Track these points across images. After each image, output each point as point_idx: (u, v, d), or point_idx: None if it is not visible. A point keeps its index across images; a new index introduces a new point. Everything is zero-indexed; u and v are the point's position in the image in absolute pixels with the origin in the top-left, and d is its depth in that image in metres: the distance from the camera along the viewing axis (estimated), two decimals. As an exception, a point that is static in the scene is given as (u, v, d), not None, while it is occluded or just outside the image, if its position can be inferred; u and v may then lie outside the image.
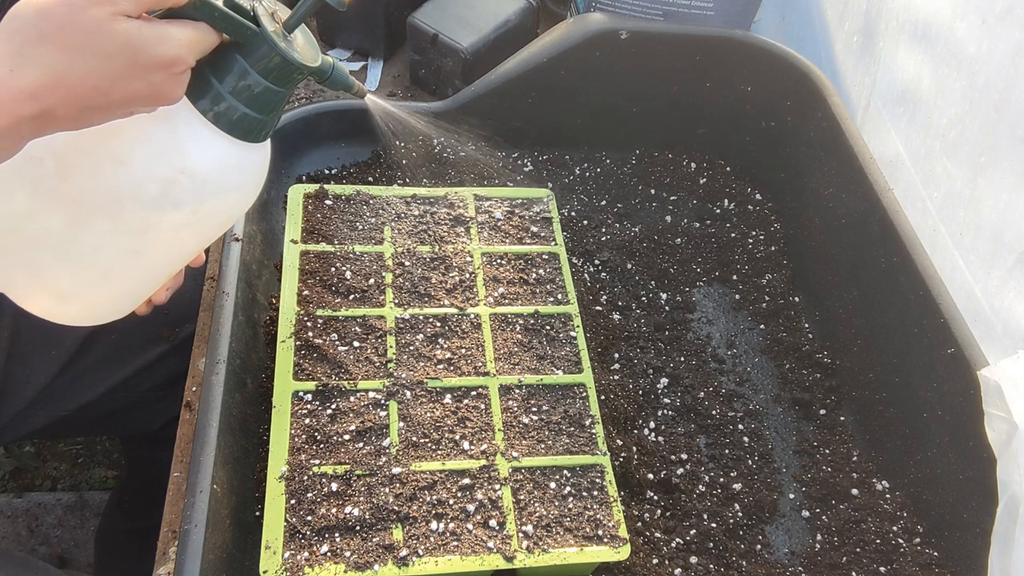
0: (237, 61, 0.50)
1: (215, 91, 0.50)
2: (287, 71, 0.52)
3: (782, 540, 0.74)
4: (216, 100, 0.50)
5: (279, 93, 0.53)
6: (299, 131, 0.85)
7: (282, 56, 0.51)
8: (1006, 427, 0.59)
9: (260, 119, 0.53)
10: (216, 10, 0.48)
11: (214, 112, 0.50)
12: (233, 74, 0.50)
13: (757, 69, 0.93)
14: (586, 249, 0.90)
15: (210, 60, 0.50)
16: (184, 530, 0.56)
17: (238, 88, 0.51)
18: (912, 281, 0.75)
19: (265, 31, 0.50)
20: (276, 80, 0.52)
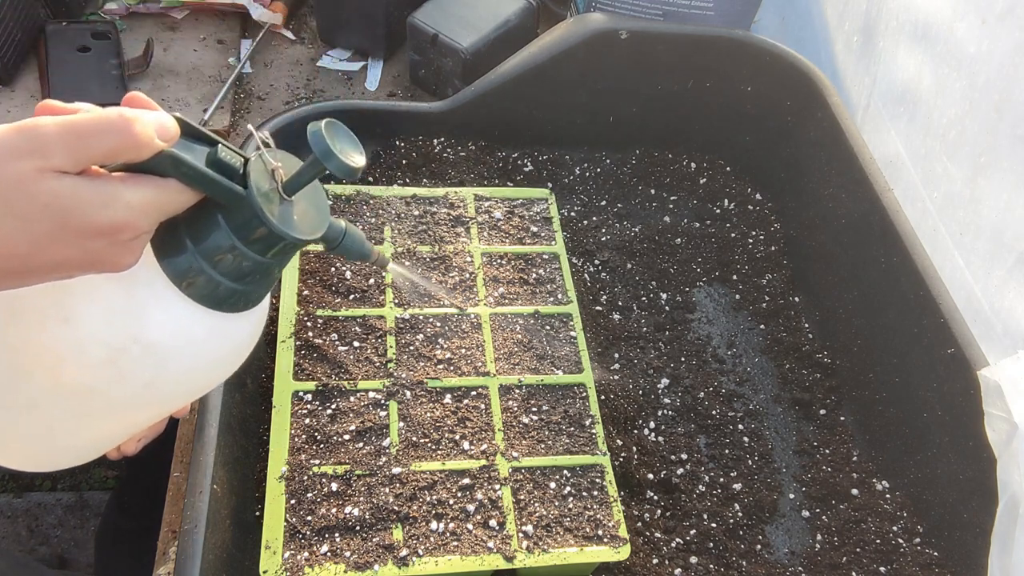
0: (218, 225, 0.41)
1: (187, 254, 0.41)
2: (278, 242, 0.43)
3: (782, 540, 0.74)
4: (188, 265, 0.41)
5: (268, 264, 0.43)
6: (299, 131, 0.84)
7: (270, 228, 0.41)
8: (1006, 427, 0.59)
9: (243, 290, 0.44)
10: (188, 168, 0.39)
11: (183, 278, 0.41)
12: (212, 239, 0.41)
13: (757, 69, 0.93)
14: (586, 249, 0.90)
15: (189, 217, 0.41)
16: (184, 530, 0.56)
17: (217, 255, 0.41)
18: (912, 281, 0.75)
19: (252, 197, 0.41)
20: (266, 251, 0.43)
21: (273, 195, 0.42)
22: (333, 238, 0.47)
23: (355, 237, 0.48)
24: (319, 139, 0.41)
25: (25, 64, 0.98)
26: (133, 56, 1.00)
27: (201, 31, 1.07)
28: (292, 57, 1.08)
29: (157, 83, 0.99)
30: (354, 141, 0.43)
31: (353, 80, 1.06)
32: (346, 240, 0.48)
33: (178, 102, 0.98)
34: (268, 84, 1.04)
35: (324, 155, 0.41)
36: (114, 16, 1.04)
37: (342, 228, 0.47)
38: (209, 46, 1.05)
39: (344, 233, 0.47)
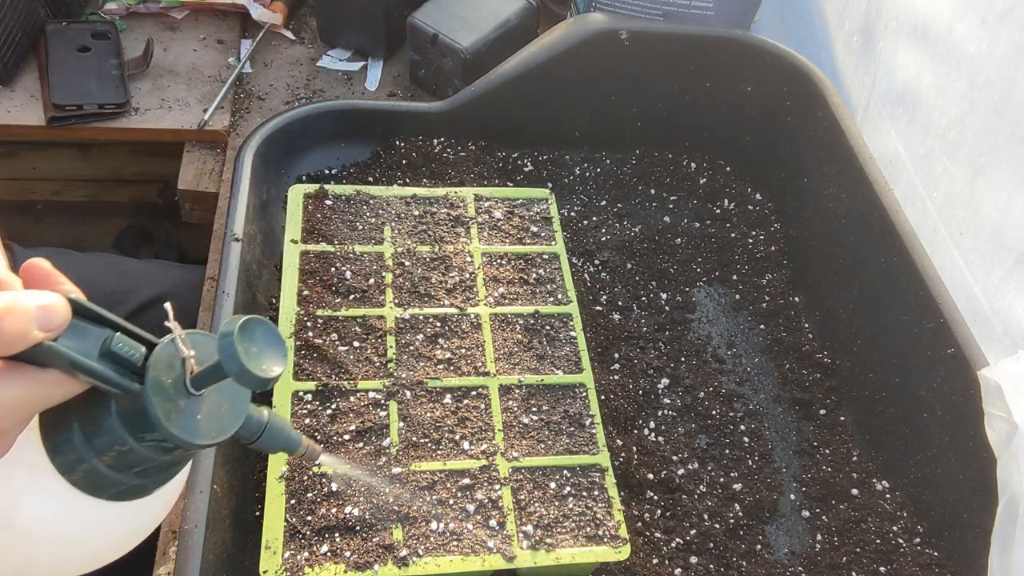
0: (109, 415, 0.36)
1: (74, 442, 0.36)
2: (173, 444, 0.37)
3: (782, 540, 0.74)
4: (75, 455, 0.36)
5: (165, 462, 0.39)
6: (299, 131, 0.85)
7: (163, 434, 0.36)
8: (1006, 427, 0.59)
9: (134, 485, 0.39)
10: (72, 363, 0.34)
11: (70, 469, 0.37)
12: (102, 431, 0.36)
13: (757, 69, 0.93)
14: (586, 249, 0.90)
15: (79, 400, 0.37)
16: (184, 530, 0.56)
17: (106, 449, 0.37)
18: (912, 281, 0.75)
19: (147, 397, 0.36)
20: (161, 451, 0.38)
21: (178, 389, 0.37)
22: (249, 435, 0.41)
23: (277, 432, 0.42)
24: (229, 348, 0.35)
25: (25, 64, 0.98)
26: (133, 56, 1.00)
27: (201, 31, 1.07)
28: (292, 57, 1.08)
29: (157, 83, 0.99)
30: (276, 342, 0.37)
31: (353, 80, 1.06)
32: (266, 434, 0.42)
33: (178, 102, 0.98)
34: (268, 84, 1.04)
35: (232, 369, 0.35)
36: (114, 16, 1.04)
37: (263, 422, 0.42)
38: (209, 46, 1.05)
39: (265, 427, 0.42)
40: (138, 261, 0.94)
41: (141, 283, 0.87)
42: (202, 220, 0.96)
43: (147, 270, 0.91)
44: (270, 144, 0.82)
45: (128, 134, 0.95)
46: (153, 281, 0.88)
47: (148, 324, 0.75)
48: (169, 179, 0.99)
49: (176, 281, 0.89)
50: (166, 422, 0.36)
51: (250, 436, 0.42)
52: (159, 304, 0.82)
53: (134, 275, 0.88)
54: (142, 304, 0.86)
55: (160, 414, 0.36)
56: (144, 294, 0.86)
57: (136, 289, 0.86)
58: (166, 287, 0.88)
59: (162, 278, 0.89)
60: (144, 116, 0.96)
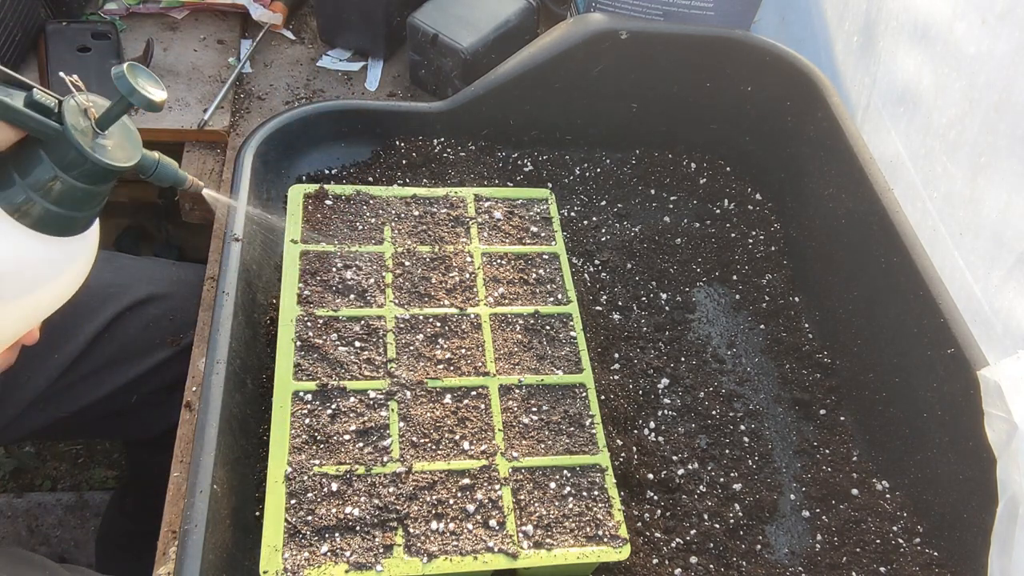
0: (41, 158, 0.48)
1: (16, 186, 0.48)
2: (96, 170, 0.49)
3: (782, 540, 0.74)
4: (18, 196, 0.48)
5: (90, 191, 0.50)
6: (299, 131, 0.85)
7: (86, 157, 0.48)
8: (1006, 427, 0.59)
9: (71, 215, 0.50)
10: (8, 108, 0.46)
11: (15, 208, 0.48)
12: (37, 171, 0.48)
13: (757, 69, 0.93)
14: (586, 249, 0.90)
15: (13, 153, 0.48)
16: (184, 530, 0.56)
17: (43, 185, 0.48)
18: (912, 281, 0.75)
19: (68, 131, 0.47)
20: (85, 178, 0.49)
21: (87, 131, 0.49)
22: (147, 167, 0.53)
23: (169, 166, 0.55)
24: (122, 79, 0.48)
25: (25, 64, 0.98)
26: (133, 56, 1.00)
27: (201, 31, 1.07)
28: (292, 57, 1.08)
29: (157, 83, 0.99)
30: (155, 80, 0.51)
31: (353, 80, 1.06)
32: (160, 169, 0.54)
33: (178, 102, 0.98)
34: (268, 84, 1.04)
35: (127, 92, 0.48)
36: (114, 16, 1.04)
37: (155, 159, 0.54)
38: (209, 46, 1.05)
39: (157, 164, 0.54)
40: (135, 258, 0.93)
41: (136, 280, 0.87)
42: (202, 220, 0.96)
43: (143, 267, 0.90)
44: (270, 144, 0.82)
45: (128, 134, 0.95)
46: (148, 279, 0.87)
47: (143, 322, 0.75)
48: (169, 179, 0.99)
49: (172, 279, 0.89)
50: (87, 148, 0.48)
51: (148, 170, 0.54)
52: (154, 302, 0.82)
53: (130, 272, 0.88)
54: (137, 300, 0.85)
55: (81, 143, 0.48)
56: (139, 291, 0.86)
57: (131, 285, 0.86)
58: (161, 285, 0.87)
59: (158, 276, 0.89)
60: (144, 116, 0.96)
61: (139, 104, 0.49)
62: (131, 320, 0.84)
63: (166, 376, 0.86)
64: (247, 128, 0.97)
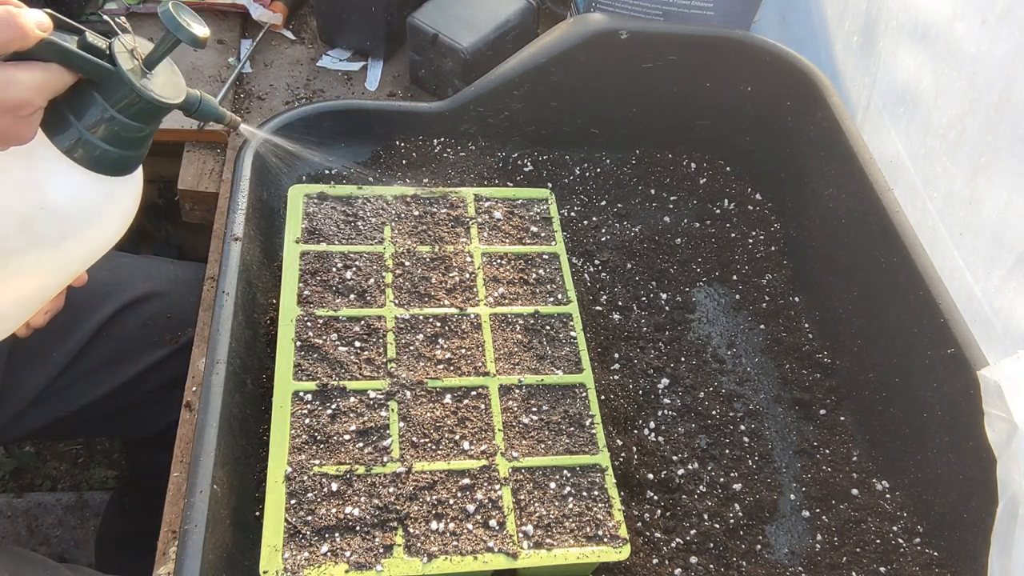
0: (94, 99, 0.50)
1: (72, 128, 0.50)
2: (146, 108, 0.51)
3: (782, 540, 0.74)
4: (74, 137, 0.50)
5: (141, 129, 0.52)
6: (299, 131, 0.85)
7: (139, 95, 0.50)
8: (1006, 427, 0.59)
9: (122, 154, 0.52)
10: (67, 52, 0.47)
11: (72, 149, 0.50)
12: (91, 112, 0.50)
13: (757, 69, 0.93)
14: (586, 249, 0.90)
15: (68, 96, 0.49)
16: (184, 530, 0.56)
17: (96, 125, 0.50)
18: (912, 281, 0.75)
19: (121, 71, 0.49)
20: (136, 117, 0.51)
21: (137, 70, 0.51)
22: (192, 103, 0.56)
23: (210, 103, 0.57)
24: (168, 15, 0.50)
25: (25, 64, 0.97)
26: (133, 56, 1.00)
27: (201, 31, 1.07)
28: (292, 57, 1.08)
29: (157, 83, 0.99)
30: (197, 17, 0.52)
31: (353, 80, 1.06)
32: (203, 106, 0.56)
33: (178, 102, 0.97)
34: (268, 84, 1.04)
35: (174, 28, 0.50)
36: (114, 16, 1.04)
37: (198, 96, 0.56)
38: (209, 46, 1.05)
39: (200, 100, 0.56)
40: (133, 256, 0.93)
41: (135, 277, 0.87)
42: (202, 220, 0.96)
43: (141, 265, 0.90)
44: (270, 144, 0.82)
45: (128, 134, 0.95)
46: (146, 277, 0.87)
47: (141, 319, 0.75)
48: (169, 179, 0.99)
49: (169, 277, 0.89)
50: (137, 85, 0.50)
51: (192, 106, 0.56)
52: (152, 299, 0.82)
53: (128, 269, 0.88)
54: (135, 298, 0.85)
55: (133, 79, 0.50)
56: (137, 289, 0.86)
57: (130, 283, 0.86)
58: (159, 283, 0.87)
59: (156, 274, 0.89)
60: (144, 116, 0.95)
61: (185, 39, 0.50)
62: (129, 318, 0.84)
63: (165, 374, 0.86)
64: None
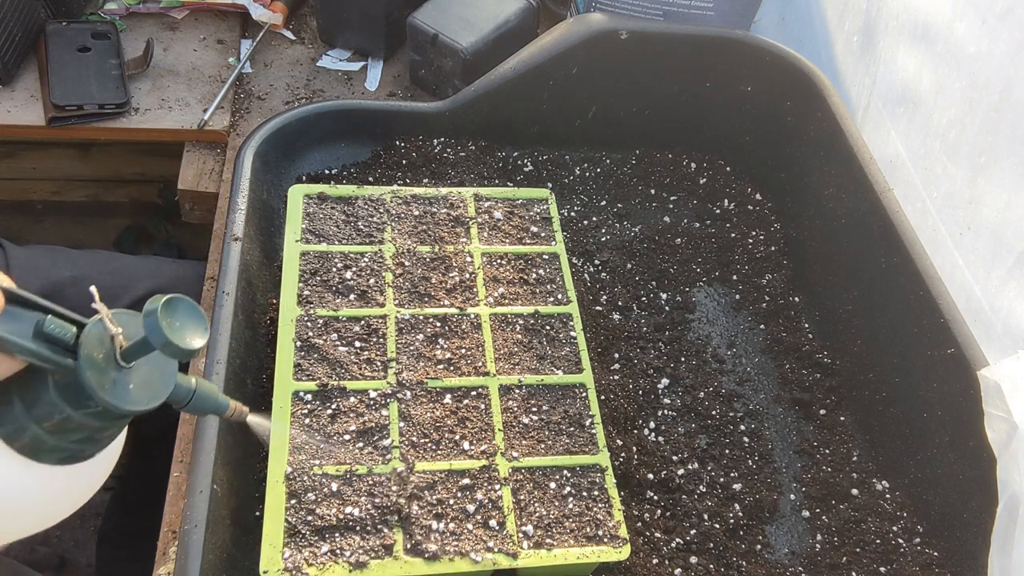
0: (47, 388, 0.41)
1: (15, 414, 0.41)
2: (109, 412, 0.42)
3: (782, 540, 0.74)
4: (15, 424, 0.41)
5: (102, 427, 0.43)
6: (299, 131, 0.85)
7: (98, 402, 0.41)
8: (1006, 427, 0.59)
9: (77, 448, 0.43)
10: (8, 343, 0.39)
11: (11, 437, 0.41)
12: (40, 403, 0.41)
13: (757, 69, 0.93)
14: (586, 249, 0.90)
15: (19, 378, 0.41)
16: (184, 530, 0.56)
17: (46, 419, 0.41)
18: (912, 281, 0.75)
19: (81, 371, 0.40)
20: (97, 418, 0.42)
21: (109, 363, 0.41)
22: (179, 400, 0.46)
23: (208, 394, 0.47)
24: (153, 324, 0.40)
25: (25, 64, 0.98)
26: (133, 56, 1.00)
27: (201, 31, 1.07)
28: (292, 57, 1.08)
29: (157, 83, 0.99)
30: (198, 317, 0.42)
31: (353, 80, 1.06)
32: (195, 400, 0.47)
33: (178, 102, 0.98)
34: (268, 84, 1.04)
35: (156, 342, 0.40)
36: (114, 16, 1.04)
37: (190, 388, 0.46)
38: (209, 46, 1.05)
39: (193, 393, 0.46)
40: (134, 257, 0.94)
41: (136, 279, 0.87)
42: (202, 220, 0.96)
43: (142, 266, 0.91)
44: (270, 144, 0.82)
45: (128, 134, 0.95)
46: (148, 277, 0.88)
47: None
48: (169, 179, 0.99)
49: (171, 276, 0.89)
50: (100, 391, 0.40)
51: (180, 401, 0.46)
52: None
53: (129, 270, 0.88)
54: (137, 299, 0.85)
55: (94, 384, 0.40)
56: (139, 289, 0.86)
57: (131, 284, 0.86)
58: (161, 282, 0.88)
59: (157, 273, 0.89)
60: (144, 116, 0.96)
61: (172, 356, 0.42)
62: None
63: None
64: (247, 128, 0.97)
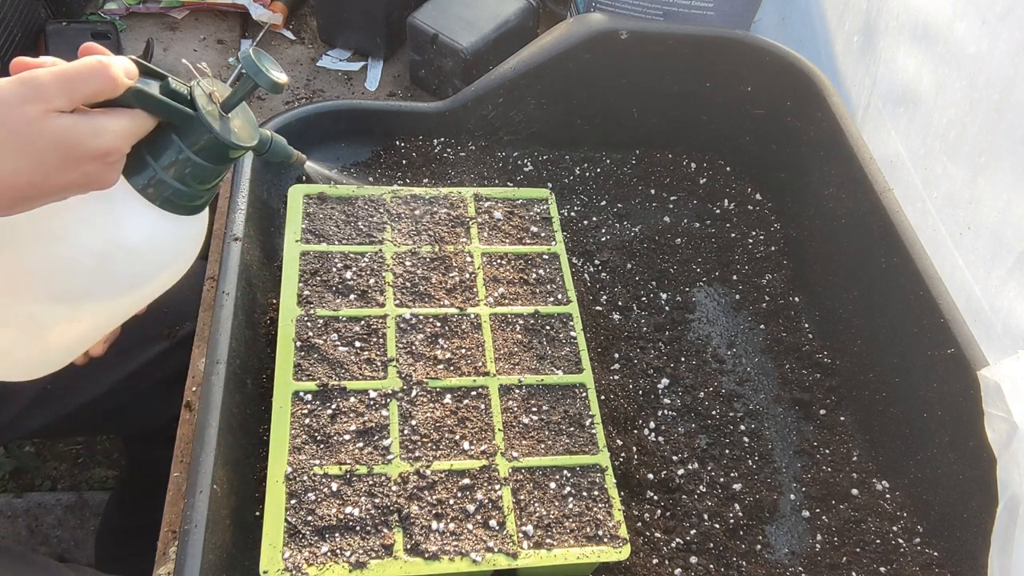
0: (173, 142, 0.51)
1: (151, 170, 0.51)
2: (223, 150, 0.53)
3: (782, 540, 0.74)
4: (151, 178, 0.51)
5: (215, 170, 0.53)
6: (299, 131, 0.85)
7: (217, 138, 0.51)
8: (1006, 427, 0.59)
9: (195, 194, 0.53)
10: (152, 99, 0.49)
11: (149, 189, 0.51)
12: (169, 154, 0.51)
13: (757, 69, 0.93)
14: (586, 249, 0.90)
15: (147, 139, 0.50)
16: (184, 530, 0.56)
17: (174, 166, 0.51)
18: (912, 281, 0.75)
19: (201, 115, 0.51)
20: (211, 158, 0.53)
21: (215, 113, 0.52)
22: (264, 143, 0.58)
23: (280, 144, 0.60)
24: (249, 61, 0.51)
25: (25, 64, 0.97)
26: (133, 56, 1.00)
27: (201, 31, 1.07)
28: (292, 57, 1.08)
29: (157, 83, 0.99)
30: (277, 65, 0.54)
31: (353, 80, 1.06)
32: (273, 146, 0.59)
33: (178, 102, 0.98)
34: (268, 84, 1.03)
35: (254, 72, 0.51)
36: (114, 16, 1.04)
37: (269, 137, 0.59)
38: (209, 46, 1.05)
39: (271, 140, 0.59)
40: None
41: None
42: (202, 220, 0.96)
43: None
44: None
45: (128, 134, 0.95)
46: None
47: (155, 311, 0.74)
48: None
49: None
50: (216, 128, 0.51)
51: (264, 147, 0.59)
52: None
53: None
54: None
55: (211, 123, 0.51)
56: None
57: None
58: None
59: None
60: (144, 116, 0.95)
61: (264, 85, 0.52)
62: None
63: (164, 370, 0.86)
64: (247, 128, 0.97)
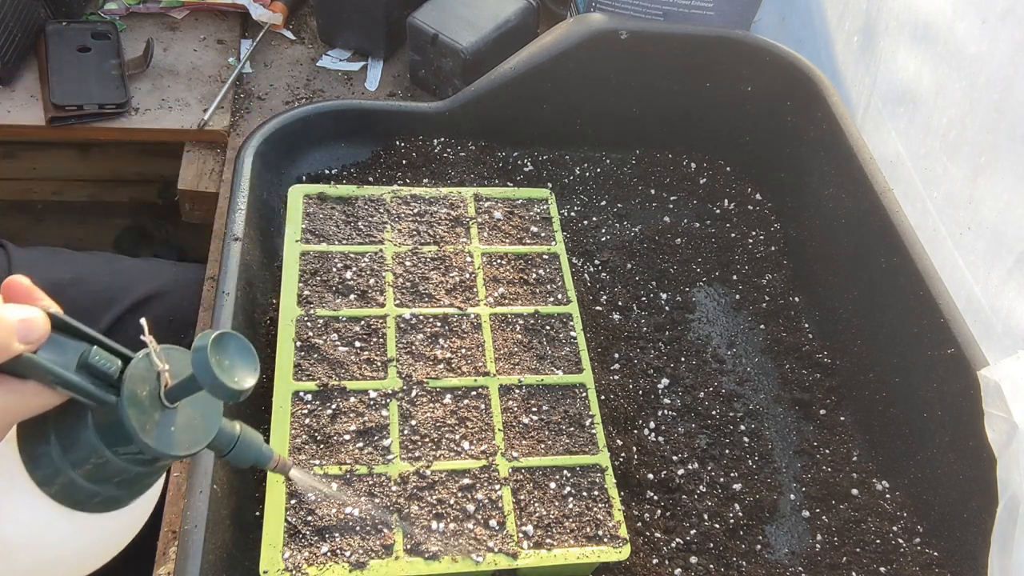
0: (86, 426, 0.37)
1: (51, 454, 0.37)
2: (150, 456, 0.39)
3: (782, 540, 0.74)
4: (50, 466, 0.37)
5: (142, 473, 0.40)
6: (299, 131, 0.85)
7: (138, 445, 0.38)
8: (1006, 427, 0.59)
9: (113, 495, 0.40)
10: (50, 374, 0.36)
11: (45, 480, 0.38)
12: (78, 442, 0.38)
13: (757, 69, 0.93)
14: (586, 249, 0.90)
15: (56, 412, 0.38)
16: (184, 530, 0.56)
17: (82, 460, 0.38)
18: (912, 281, 0.75)
19: (123, 408, 0.37)
20: (136, 462, 0.39)
21: (152, 402, 0.38)
22: (222, 447, 0.43)
23: (251, 442, 0.44)
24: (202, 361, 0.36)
25: (25, 64, 0.98)
26: (133, 56, 1.00)
27: (201, 31, 1.07)
28: (292, 57, 1.08)
29: (157, 83, 0.99)
30: (248, 355, 0.39)
31: (353, 80, 1.06)
32: (237, 448, 0.43)
33: (178, 102, 0.98)
34: (268, 84, 1.04)
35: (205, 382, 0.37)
36: (114, 16, 1.04)
37: (235, 435, 0.43)
38: (209, 46, 1.05)
39: (236, 440, 0.43)
40: (134, 259, 0.94)
41: (136, 281, 0.87)
42: (202, 220, 0.96)
43: (142, 268, 0.91)
44: (270, 144, 0.82)
45: (128, 134, 0.95)
46: (148, 279, 0.88)
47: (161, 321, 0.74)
48: (169, 179, 0.99)
49: (171, 279, 0.89)
50: (141, 433, 0.37)
51: (223, 449, 0.43)
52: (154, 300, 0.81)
53: (129, 273, 0.88)
54: (137, 301, 0.85)
55: (135, 425, 0.37)
56: (139, 291, 0.86)
57: (131, 287, 0.86)
58: (161, 285, 0.88)
59: (157, 276, 0.89)
60: (144, 116, 0.96)
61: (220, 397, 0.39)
62: (131, 322, 0.85)
63: None
64: (247, 128, 0.97)
